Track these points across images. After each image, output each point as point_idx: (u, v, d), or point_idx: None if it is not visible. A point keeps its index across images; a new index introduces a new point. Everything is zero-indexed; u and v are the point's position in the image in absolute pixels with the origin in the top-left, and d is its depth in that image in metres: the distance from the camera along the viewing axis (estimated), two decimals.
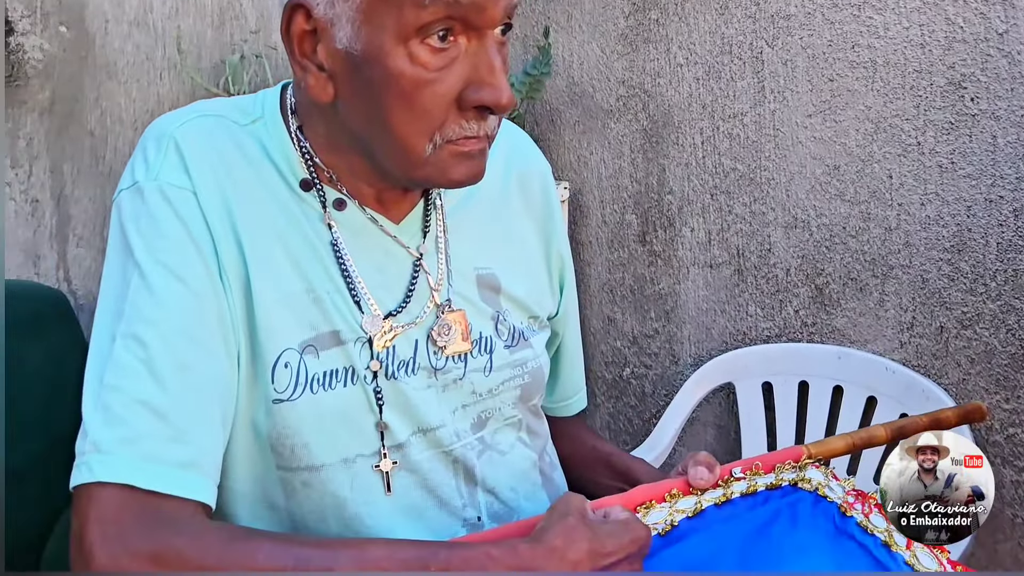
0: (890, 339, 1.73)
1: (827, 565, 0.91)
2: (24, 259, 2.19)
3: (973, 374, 1.65)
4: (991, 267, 1.61)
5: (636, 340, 2.05)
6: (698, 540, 0.94)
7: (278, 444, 0.89)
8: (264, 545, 0.77)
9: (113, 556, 0.73)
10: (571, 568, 0.81)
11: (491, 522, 0.98)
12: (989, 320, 1.63)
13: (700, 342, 1.96)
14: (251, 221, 0.89)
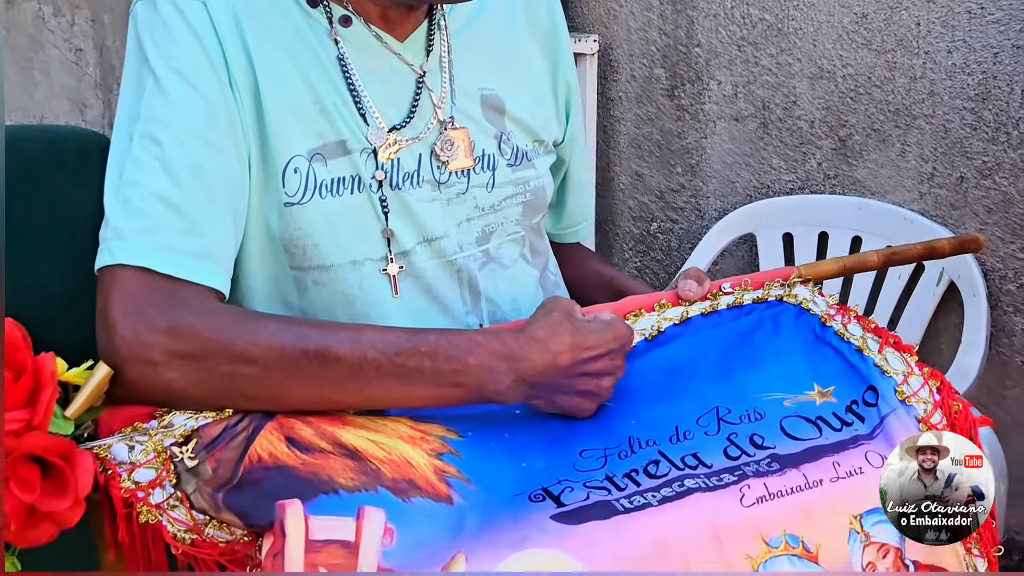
0: (910, 190, 1.74)
1: (804, 369, 0.97)
2: (71, 107, 2.27)
3: (990, 224, 1.67)
4: (1014, 115, 1.61)
5: (663, 195, 2.08)
6: (682, 344, 1.00)
7: (290, 245, 0.95)
8: (269, 324, 0.84)
9: (134, 329, 0.81)
10: (552, 358, 0.87)
11: None
12: (1009, 169, 1.63)
13: (724, 196, 1.99)
14: (260, 33, 0.94)
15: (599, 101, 2.09)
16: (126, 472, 0.79)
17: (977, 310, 1.63)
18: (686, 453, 0.87)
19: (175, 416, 0.82)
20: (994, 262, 1.67)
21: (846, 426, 0.90)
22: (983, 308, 1.62)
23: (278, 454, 0.79)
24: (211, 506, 0.77)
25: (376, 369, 0.84)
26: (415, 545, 0.75)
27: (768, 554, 0.81)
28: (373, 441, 0.82)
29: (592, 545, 0.77)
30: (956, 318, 1.72)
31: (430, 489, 0.80)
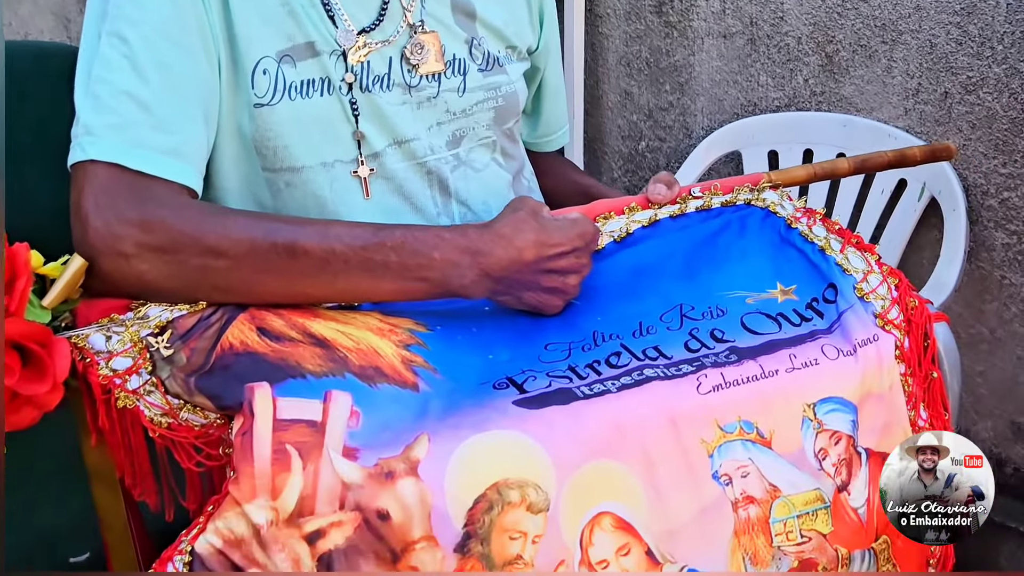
0: (895, 106, 1.74)
1: (767, 269, 0.99)
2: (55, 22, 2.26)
3: (974, 139, 1.67)
4: (999, 29, 1.60)
5: (651, 114, 2.08)
6: (650, 245, 1.02)
7: (261, 146, 0.97)
8: (239, 218, 0.87)
9: (106, 222, 0.83)
10: (517, 254, 0.90)
11: None
12: (993, 84, 1.62)
13: (712, 114, 1.99)
14: None
15: (587, 18, 2.08)
16: (103, 360, 0.81)
17: (957, 224, 1.64)
18: (648, 346, 0.89)
19: (150, 308, 0.84)
20: (976, 177, 1.67)
21: (805, 321, 0.92)
22: (963, 223, 1.63)
23: (249, 342, 0.82)
24: (184, 390, 0.80)
25: (344, 263, 0.86)
26: (380, 427, 0.78)
27: (723, 439, 0.84)
28: (342, 332, 0.85)
29: (551, 428, 0.80)
30: (937, 233, 1.73)
31: (396, 377, 0.83)
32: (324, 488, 0.74)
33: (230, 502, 0.73)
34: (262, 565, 0.73)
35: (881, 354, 0.90)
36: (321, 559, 0.74)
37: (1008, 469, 1.78)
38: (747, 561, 0.83)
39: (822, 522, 0.86)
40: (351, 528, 0.74)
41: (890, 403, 0.90)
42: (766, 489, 0.84)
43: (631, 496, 0.81)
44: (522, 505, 0.77)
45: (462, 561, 0.76)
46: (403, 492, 0.75)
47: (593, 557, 0.80)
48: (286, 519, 0.73)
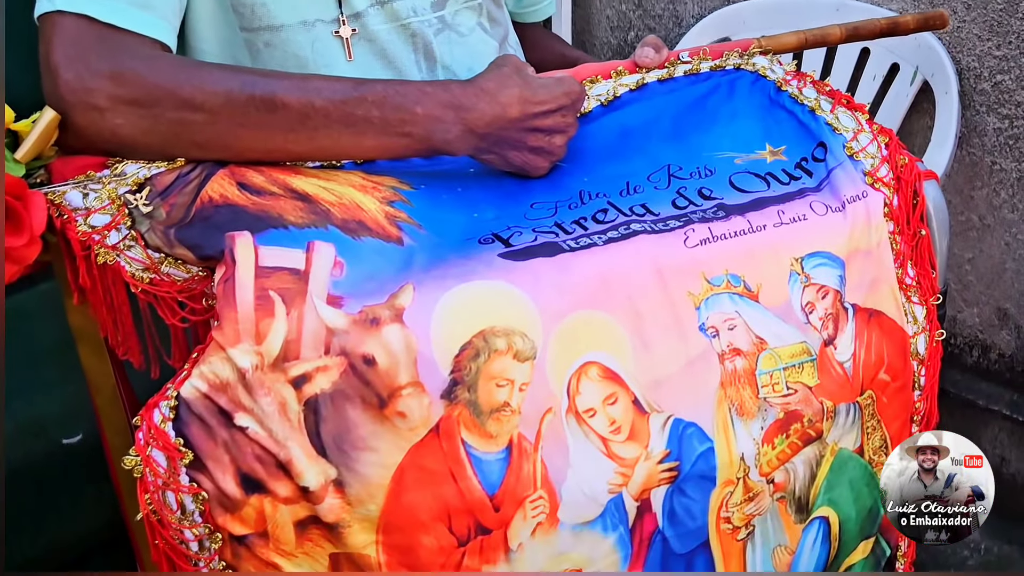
0: None
1: (756, 130, 0.97)
2: None
3: (968, 21, 1.64)
4: None
5: (640, 2, 2.04)
6: (637, 108, 1.00)
7: (238, 4, 0.94)
8: (214, 71, 0.84)
9: (77, 74, 0.81)
10: (501, 109, 0.88)
11: None
12: None
13: (703, 2, 1.95)
14: None
15: None
16: (81, 217, 0.80)
17: (948, 107, 1.62)
18: (635, 203, 0.88)
19: (128, 165, 0.83)
20: (969, 60, 1.65)
21: (794, 180, 0.91)
22: (955, 106, 1.61)
23: (229, 195, 0.80)
24: (164, 242, 0.78)
25: (324, 117, 0.84)
26: (364, 277, 0.77)
27: (710, 291, 0.84)
28: (324, 187, 0.83)
29: (537, 278, 0.79)
30: (929, 120, 1.71)
31: (380, 231, 0.82)
32: (308, 333, 0.74)
33: (214, 347, 0.73)
34: (248, 409, 0.73)
35: (870, 211, 0.89)
36: (308, 403, 0.74)
37: (993, 355, 1.79)
38: (733, 412, 0.84)
39: (808, 375, 0.86)
40: (337, 373, 0.74)
41: (878, 260, 0.89)
42: (752, 341, 0.84)
43: (617, 346, 0.81)
44: (509, 353, 0.77)
45: (449, 408, 0.76)
46: (388, 338, 0.74)
47: (580, 405, 0.80)
48: (271, 363, 0.73)
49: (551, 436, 0.79)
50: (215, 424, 0.73)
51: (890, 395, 0.91)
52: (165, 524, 0.73)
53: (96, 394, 0.90)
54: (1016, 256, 1.70)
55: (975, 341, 1.81)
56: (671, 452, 0.82)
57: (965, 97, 1.66)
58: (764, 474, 0.86)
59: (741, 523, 0.86)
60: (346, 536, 0.76)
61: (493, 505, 0.78)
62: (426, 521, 0.77)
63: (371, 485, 0.75)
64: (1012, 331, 1.76)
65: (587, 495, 0.80)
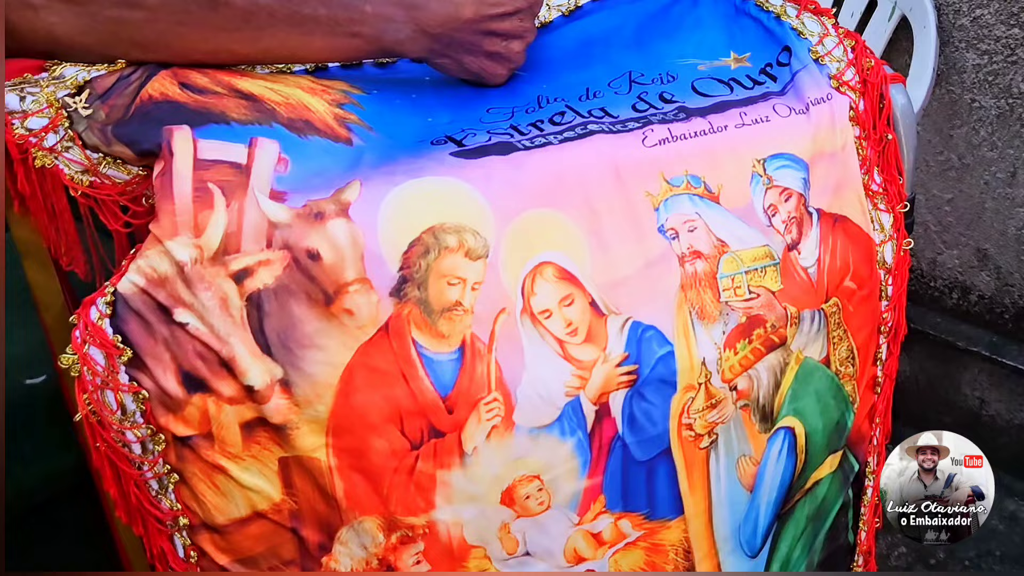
0: None
1: (720, 38, 0.95)
2: None
3: None
4: None
5: None
6: (599, 18, 0.98)
7: None
8: None
9: None
10: (454, 10, 0.85)
11: None
12: None
13: None
14: None
15: None
16: (18, 120, 0.77)
17: (926, 42, 1.60)
18: (593, 107, 0.86)
19: (66, 68, 0.80)
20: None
21: (757, 85, 0.89)
22: (932, 40, 1.59)
23: (169, 93, 0.77)
24: (102, 140, 0.76)
25: (268, 15, 0.81)
26: (311, 173, 0.75)
27: (669, 192, 0.81)
28: (271, 88, 0.81)
29: (489, 175, 0.77)
30: (908, 58, 1.69)
31: (328, 131, 0.79)
32: (249, 226, 0.71)
33: (151, 240, 0.70)
34: (188, 304, 0.70)
35: (834, 113, 0.87)
36: (250, 299, 0.71)
37: (973, 296, 1.78)
38: (694, 315, 0.82)
39: (771, 279, 0.84)
40: (280, 267, 0.72)
41: (843, 163, 0.87)
42: (713, 244, 0.82)
43: (574, 246, 0.78)
44: (460, 250, 0.75)
45: (399, 306, 0.74)
46: (334, 232, 0.72)
47: (535, 306, 0.78)
48: (211, 257, 0.71)
49: (505, 337, 0.77)
50: (154, 320, 0.70)
51: (856, 303, 0.89)
52: (105, 425, 0.71)
53: (45, 312, 0.88)
54: (996, 195, 1.68)
55: (955, 283, 1.79)
56: (630, 355, 0.80)
57: (944, 33, 1.64)
58: (726, 380, 0.84)
59: (704, 431, 0.84)
60: (294, 438, 0.74)
61: (446, 407, 0.76)
62: (377, 423, 0.75)
63: (319, 385, 0.73)
64: (992, 272, 1.74)
65: (543, 398, 0.78)
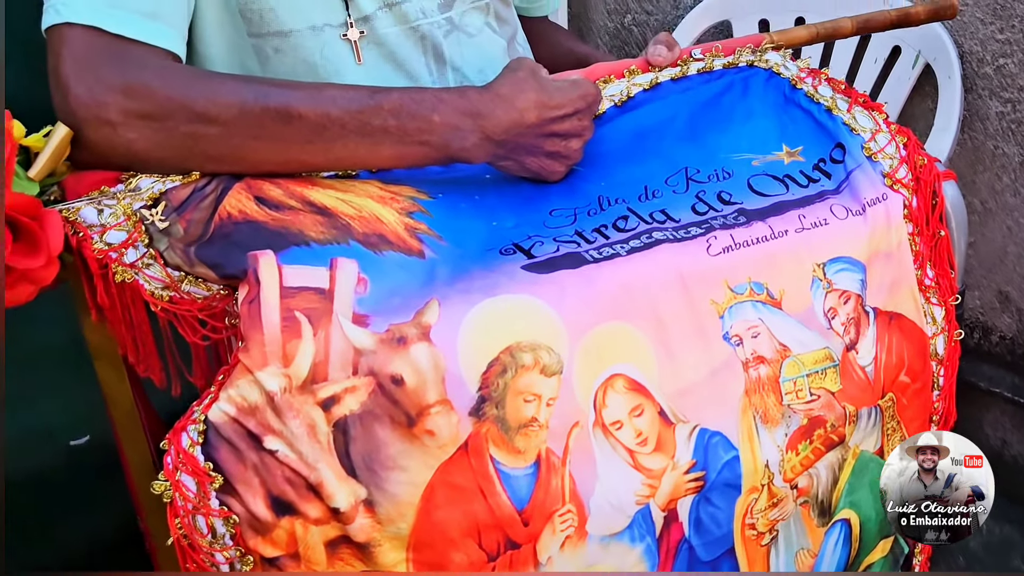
0: None
1: (772, 130, 0.97)
2: None
3: (971, 5, 1.63)
4: None
5: None
6: (652, 108, 0.99)
7: (246, 10, 0.92)
8: (227, 81, 0.83)
9: (87, 87, 0.79)
10: (518, 115, 0.87)
11: None
12: None
13: None
14: None
15: None
16: (97, 235, 0.79)
17: (951, 92, 1.62)
18: (654, 209, 0.88)
19: (142, 180, 0.81)
20: (972, 44, 1.64)
21: (812, 183, 0.91)
22: (957, 91, 1.61)
23: (247, 210, 0.79)
24: (184, 261, 0.77)
25: (340, 128, 0.83)
26: (389, 293, 0.76)
27: (733, 299, 0.83)
28: (342, 200, 0.82)
29: (562, 291, 0.78)
30: (931, 103, 1.71)
31: (401, 244, 0.81)
32: (336, 354, 0.73)
33: (241, 370, 0.72)
34: (277, 432, 0.72)
35: (889, 213, 0.89)
36: (337, 424, 0.73)
37: (994, 337, 1.80)
38: (757, 419, 0.84)
39: (831, 380, 0.86)
40: (365, 393, 0.73)
41: (898, 261, 0.89)
42: (776, 349, 0.84)
43: (643, 357, 0.80)
44: (536, 368, 0.77)
45: (477, 424, 0.76)
46: (416, 357, 0.74)
47: (607, 418, 0.80)
48: (299, 385, 0.72)
49: (579, 450, 0.79)
50: (244, 447, 0.72)
51: (910, 396, 0.91)
52: (196, 548, 0.73)
53: (113, 408, 0.89)
54: (1017, 240, 1.70)
55: (976, 323, 1.81)
56: (697, 462, 0.82)
57: (967, 81, 1.66)
58: (788, 480, 0.86)
59: (765, 528, 0.86)
60: (377, 555, 0.76)
61: (522, 520, 0.78)
62: (456, 538, 0.77)
63: (401, 504, 0.75)
64: (1013, 314, 1.77)
65: (615, 507, 0.80)
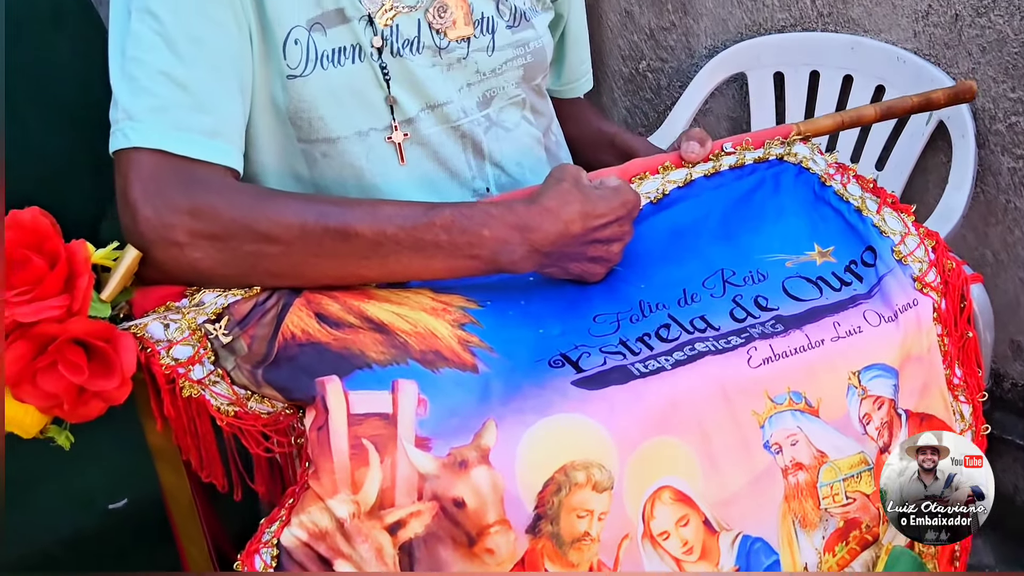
0: (904, 28, 1.73)
1: (804, 228, 1.00)
2: None
3: (983, 63, 1.66)
4: None
5: (653, 34, 2.05)
6: (686, 206, 1.03)
7: (296, 118, 0.96)
8: (290, 202, 0.86)
9: (156, 210, 0.83)
10: (564, 227, 0.90)
11: (499, 192, 1.07)
12: (1004, 7, 1.61)
13: (716, 35, 1.96)
14: None
15: None
16: (164, 350, 0.82)
17: (965, 151, 1.65)
18: (694, 316, 0.91)
19: (205, 294, 0.85)
20: (984, 102, 1.68)
21: (845, 286, 0.94)
22: (971, 149, 1.64)
23: (310, 330, 0.82)
24: (252, 382, 0.81)
25: (395, 244, 0.86)
26: (448, 413, 0.80)
27: (773, 410, 0.87)
28: (398, 314, 0.86)
29: (612, 408, 0.82)
30: (943, 156, 1.75)
31: (456, 359, 0.84)
32: (402, 479, 0.76)
33: (312, 497, 0.75)
34: (347, 556, 0.76)
35: (920, 317, 0.92)
36: (402, 548, 0.77)
37: (1007, 384, 1.84)
38: (796, 524, 0.87)
39: (866, 483, 0.90)
40: (429, 517, 0.77)
41: (929, 364, 0.93)
42: (814, 455, 0.88)
43: (688, 469, 0.84)
44: (588, 485, 0.80)
45: (533, 541, 0.79)
46: (477, 480, 0.77)
47: (655, 529, 0.83)
48: (367, 511, 0.76)
49: (628, 561, 0.82)
50: (315, 570, 0.76)
51: None
52: None
53: (173, 505, 0.93)
54: None
55: (989, 371, 1.85)
56: (740, 567, 0.86)
57: (980, 137, 1.69)
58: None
59: None
60: None
61: None
62: None
63: None
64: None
65: None
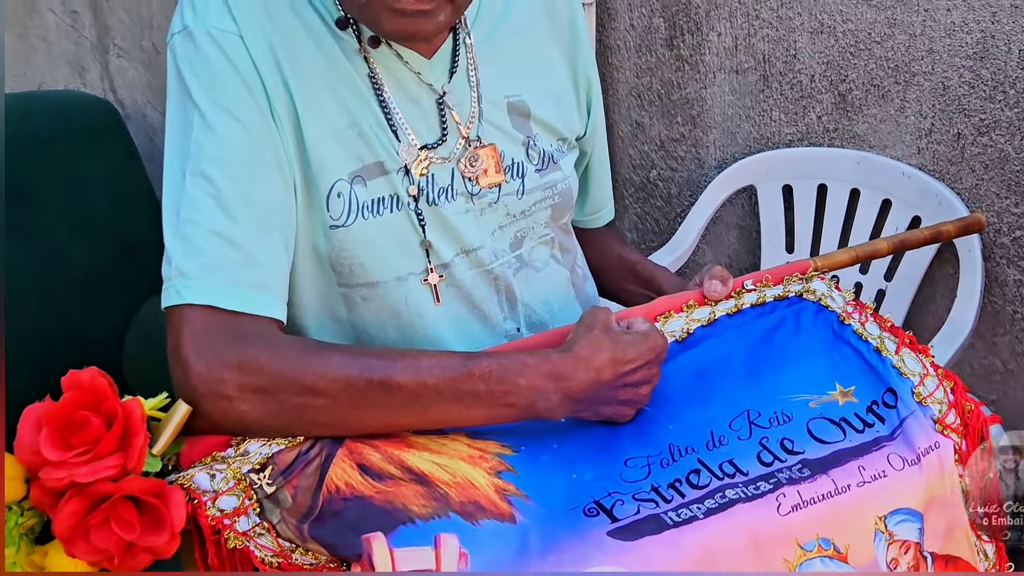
0: (908, 145, 1.79)
1: (825, 368, 1.03)
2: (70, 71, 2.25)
3: (986, 179, 1.72)
4: (1012, 74, 1.65)
5: (663, 144, 2.11)
6: (711, 345, 1.06)
7: (337, 264, 1.00)
8: (334, 356, 0.90)
9: (208, 364, 0.86)
10: (596, 375, 0.94)
11: (529, 332, 1.11)
12: (1005, 127, 1.67)
13: (725, 147, 2.03)
14: (295, 61, 0.96)
15: (597, 49, 2.10)
16: (210, 500, 0.85)
17: (972, 266, 1.70)
18: (723, 460, 0.94)
19: (250, 444, 0.88)
20: (989, 216, 1.73)
21: (868, 427, 0.97)
22: (978, 264, 1.69)
23: (354, 484, 0.85)
24: (297, 536, 0.83)
25: (435, 394, 0.89)
26: (487, 567, 0.82)
27: (803, 557, 0.89)
28: (437, 464, 0.88)
29: (648, 560, 0.84)
30: (951, 268, 1.79)
31: (494, 509, 0.87)
32: None
33: None
34: None
35: (942, 460, 0.95)
36: None
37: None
38: None
39: None
40: None
41: (952, 506, 0.95)
42: None
43: None
44: None
45: None
46: None
47: None
48: None
49: None
50: None
51: None
52: None
53: None
54: None
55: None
56: None
57: (986, 250, 1.74)
58: None
59: None
60: None
61: None
62: None
63: None
64: None
65: None
